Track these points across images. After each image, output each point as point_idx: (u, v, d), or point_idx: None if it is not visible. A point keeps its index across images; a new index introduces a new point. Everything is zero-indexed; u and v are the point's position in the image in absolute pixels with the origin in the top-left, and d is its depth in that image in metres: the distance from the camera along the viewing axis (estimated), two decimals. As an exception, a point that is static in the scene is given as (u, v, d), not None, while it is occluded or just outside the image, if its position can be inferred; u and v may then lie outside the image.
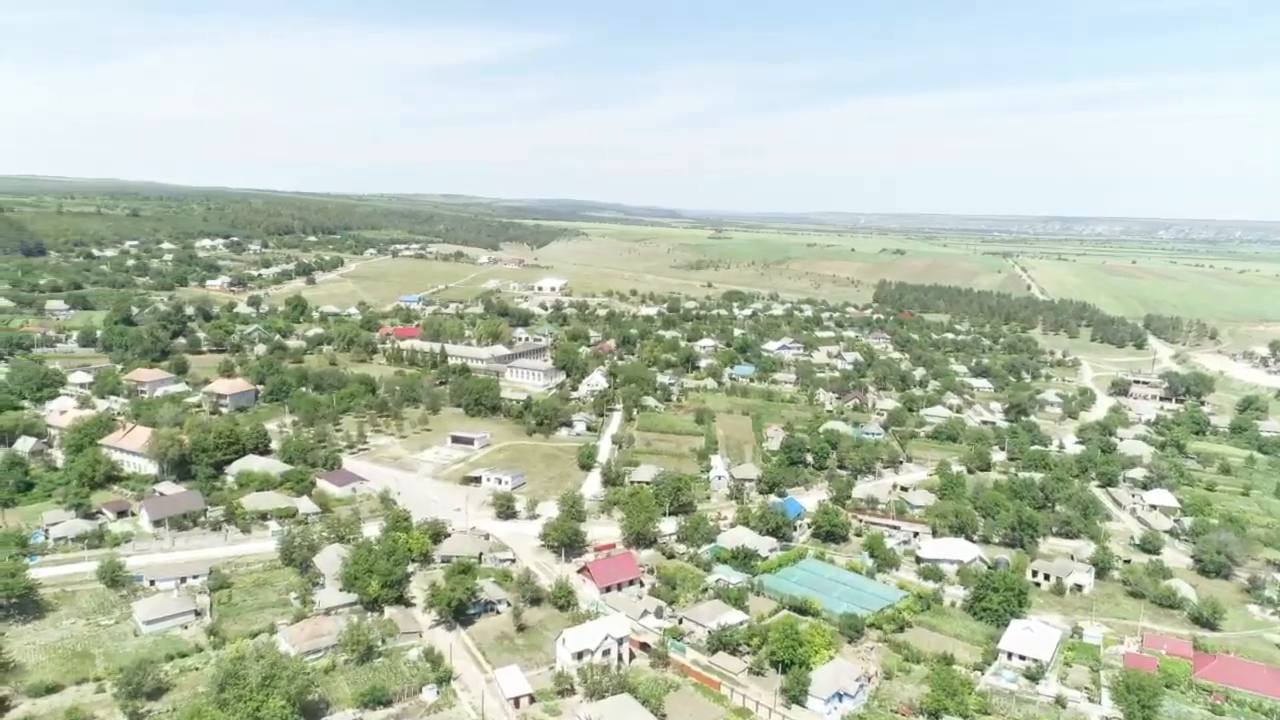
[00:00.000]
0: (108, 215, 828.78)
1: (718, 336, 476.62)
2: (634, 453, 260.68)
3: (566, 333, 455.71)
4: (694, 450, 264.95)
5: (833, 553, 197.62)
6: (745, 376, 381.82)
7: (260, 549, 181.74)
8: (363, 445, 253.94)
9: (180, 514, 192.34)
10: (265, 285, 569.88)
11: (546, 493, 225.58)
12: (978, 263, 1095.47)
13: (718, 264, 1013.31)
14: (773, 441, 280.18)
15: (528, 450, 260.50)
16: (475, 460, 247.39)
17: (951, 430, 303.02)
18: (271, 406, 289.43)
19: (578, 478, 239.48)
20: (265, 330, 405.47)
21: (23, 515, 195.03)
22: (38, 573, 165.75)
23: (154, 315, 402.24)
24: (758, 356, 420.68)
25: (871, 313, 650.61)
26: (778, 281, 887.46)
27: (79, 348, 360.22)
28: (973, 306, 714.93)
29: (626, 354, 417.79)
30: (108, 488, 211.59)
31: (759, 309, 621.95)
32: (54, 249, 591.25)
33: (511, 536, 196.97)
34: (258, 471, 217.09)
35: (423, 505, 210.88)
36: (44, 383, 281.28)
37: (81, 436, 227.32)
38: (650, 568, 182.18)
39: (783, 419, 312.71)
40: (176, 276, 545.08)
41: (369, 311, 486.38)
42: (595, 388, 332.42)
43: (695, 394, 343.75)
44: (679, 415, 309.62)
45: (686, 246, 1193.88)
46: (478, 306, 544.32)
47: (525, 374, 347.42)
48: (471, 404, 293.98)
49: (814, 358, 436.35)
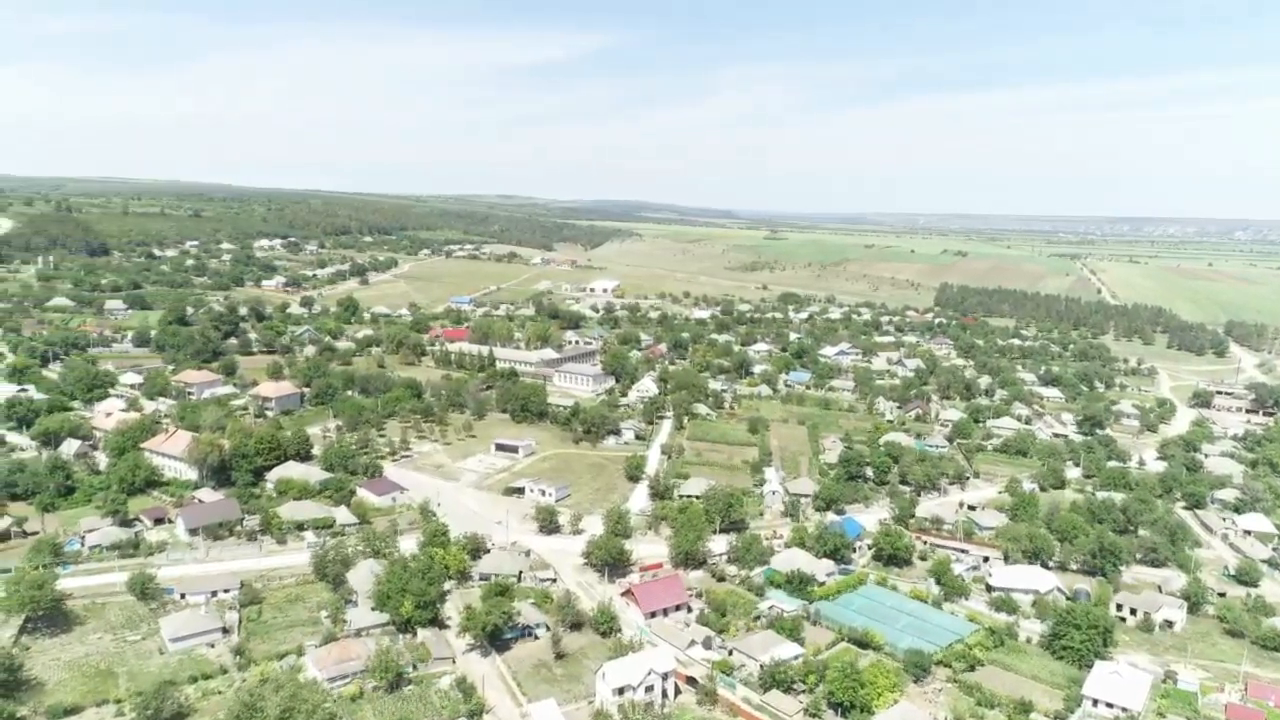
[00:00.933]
0: (171, 216, 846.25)
1: (772, 341, 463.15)
2: (684, 463, 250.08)
3: (617, 336, 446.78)
4: (746, 462, 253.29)
5: (895, 578, 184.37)
6: (801, 383, 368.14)
7: (294, 561, 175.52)
8: (405, 452, 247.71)
9: (216, 523, 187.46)
10: (319, 285, 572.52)
11: (592, 505, 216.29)
12: (1043, 264, 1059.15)
13: (773, 265, 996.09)
14: (830, 453, 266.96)
15: (573, 459, 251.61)
16: (519, 469, 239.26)
17: (1021, 444, 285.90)
18: (317, 410, 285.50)
19: (624, 490, 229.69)
20: (315, 331, 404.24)
21: (62, 520, 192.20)
22: (69, 583, 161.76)
23: (208, 316, 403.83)
24: (814, 362, 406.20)
25: (933, 317, 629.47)
26: (834, 283, 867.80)
27: (133, 348, 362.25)
28: (1039, 311, 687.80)
29: (678, 358, 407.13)
30: (148, 493, 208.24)
31: (815, 312, 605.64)
32: (117, 249, 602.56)
33: (553, 553, 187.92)
34: (297, 479, 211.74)
35: (463, 517, 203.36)
36: (94, 383, 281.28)
37: (125, 440, 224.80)
38: (699, 591, 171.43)
39: (840, 429, 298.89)
40: (233, 276, 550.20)
41: (420, 313, 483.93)
42: (645, 394, 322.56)
43: (748, 401, 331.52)
44: (731, 424, 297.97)
45: (741, 247, 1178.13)
46: (529, 308, 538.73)
47: (574, 379, 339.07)
48: (518, 410, 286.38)
49: (873, 364, 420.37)
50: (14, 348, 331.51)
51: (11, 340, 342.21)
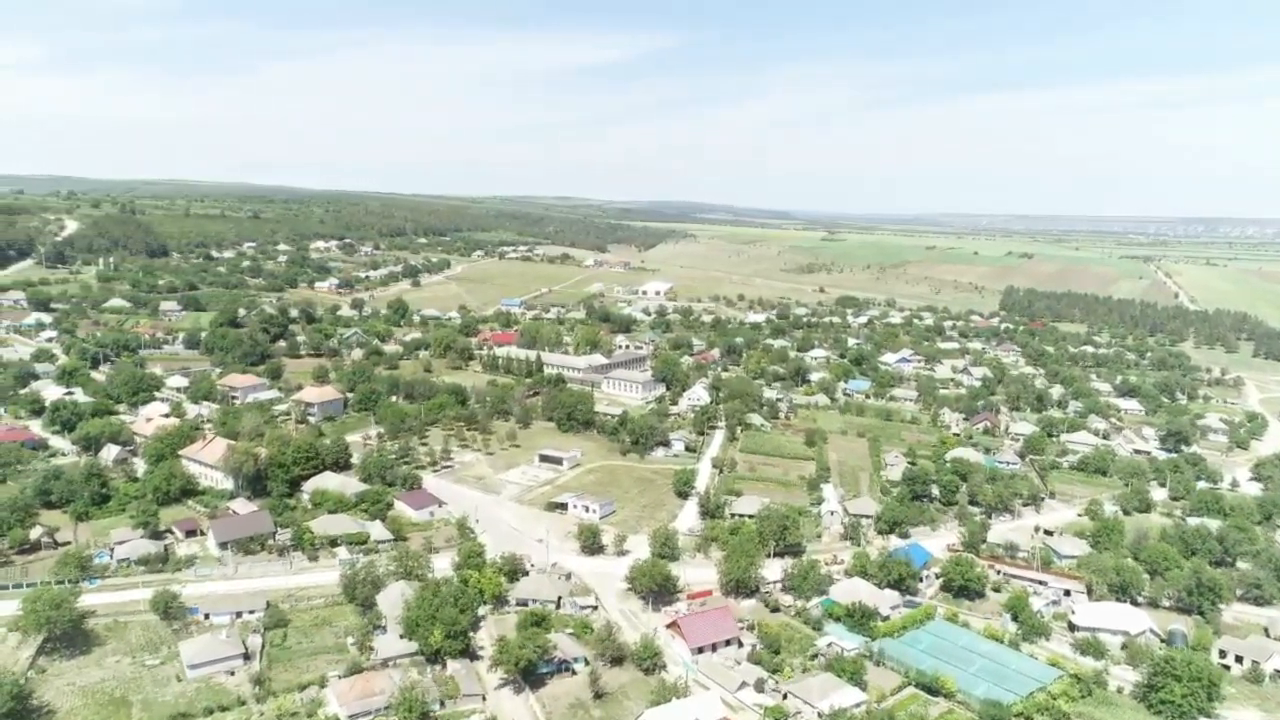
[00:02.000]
0: (230, 218, 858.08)
1: (830, 346, 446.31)
2: (736, 478, 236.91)
3: (669, 340, 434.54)
4: (803, 478, 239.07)
5: (966, 612, 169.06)
6: (860, 392, 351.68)
7: (324, 580, 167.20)
8: (446, 462, 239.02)
9: (247, 537, 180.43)
10: (372, 287, 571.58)
11: (638, 523, 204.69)
12: (1114, 267, 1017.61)
13: (830, 267, 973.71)
14: (892, 470, 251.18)
15: (620, 472, 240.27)
16: (563, 483, 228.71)
17: (1100, 461, 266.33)
18: (359, 416, 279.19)
19: (672, 506, 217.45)
20: (363, 334, 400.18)
21: (95, 530, 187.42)
22: (93, 599, 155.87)
23: (258, 318, 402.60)
24: (874, 370, 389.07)
25: (999, 322, 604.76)
26: (894, 286, 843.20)
27: (184, 350, 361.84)
28: (1112, 316, 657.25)
29: (731, 364, 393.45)
30: (183, 502, 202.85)
31: (875, 316, 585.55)
32: (177, 250, 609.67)
33: (596, 576, 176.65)
34: (332, 491, 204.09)
35: (502, 534, 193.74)
36: (139, 387, 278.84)
37: (163, 447, 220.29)
38: (750, 624, 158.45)
39: (903, 442, 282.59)
40: (287, 278, 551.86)
41: (469, 315, 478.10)
42: (696, 402, 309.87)
43: (805, 411, 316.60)
44: (787, 436, 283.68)
45: (797, 249, 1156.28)
46: (579, 311, 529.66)
47: (622, 385, 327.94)
48: (564, 418, 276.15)
49: (936, 372, 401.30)
50: (67, 349, 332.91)
51: (66, 341, 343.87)
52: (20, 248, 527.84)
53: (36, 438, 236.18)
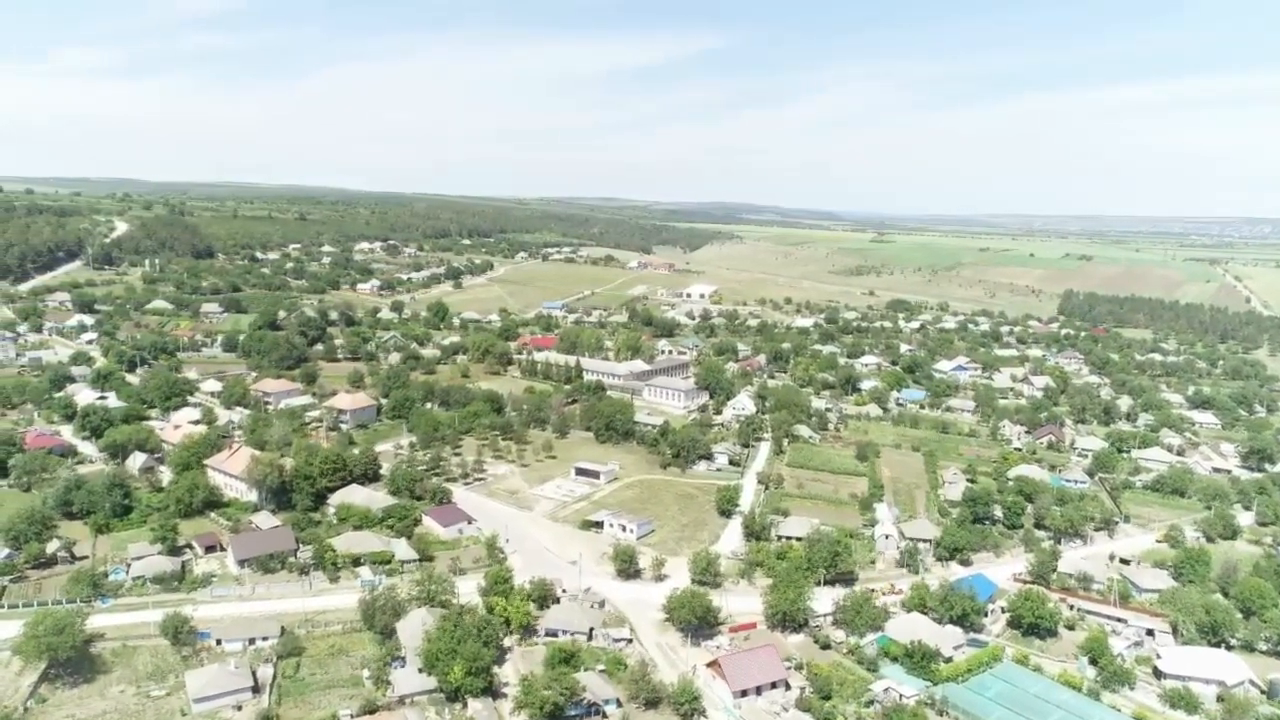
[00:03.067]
0: (277, 219, 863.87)
1: (881, 353, 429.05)
2: (783, 496, 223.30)
3: (713, 346, 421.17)
4: (855, 496, 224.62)
5: (1038, 654, 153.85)
6: (914, 402, 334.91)
7: (344, 604, 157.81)
8: (479, 474, 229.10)
9: (268, 554, 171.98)
10: (414, 289, 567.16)
11: (677, 545, 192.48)
12: (1179, 270, 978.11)
13: (880, 269, 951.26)
14: (951, 488, 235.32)
15: (659, 488, 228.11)
16: (599, 498, 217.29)
17: (1177, 481, 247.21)
18: (392, 424, 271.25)
19: (715, 526, 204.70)
20: (401, 338, 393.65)
21: (114, 543, 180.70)
22: (104, 620, 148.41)
23: (298, 320, 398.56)
24: (928, 378, 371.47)
25: (1058, 327, 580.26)
26: (947, 289, 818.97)
27: (222, 352, 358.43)
28: (1179, 322, 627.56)
29: (778, 371, 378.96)
30: (206, 514, 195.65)
31: (928, 321, 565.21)
32: (222, 251, 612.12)
33: (631, 604, 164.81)
34: (358, 505, 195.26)
35: (534, 554, 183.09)
36: (172, 391, 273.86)
37: (189, 456, 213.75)
38: (798, 663, 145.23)
39: (961, 457, 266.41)
40: (329, 279, 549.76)
41: (509, 319, 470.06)
42: (741, 412, 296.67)
43: (856, 422, 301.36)
44: (837, 449, 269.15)
45: (846, 250, 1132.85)
46: (622, 314, 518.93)
47: (664, 394, 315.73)
48: (602, 428, 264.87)
49: (995, 381, 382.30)
50: (105, 351, 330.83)
51: (104, 344, 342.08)
52: (70, 249, 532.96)
53: (65, 444, 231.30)
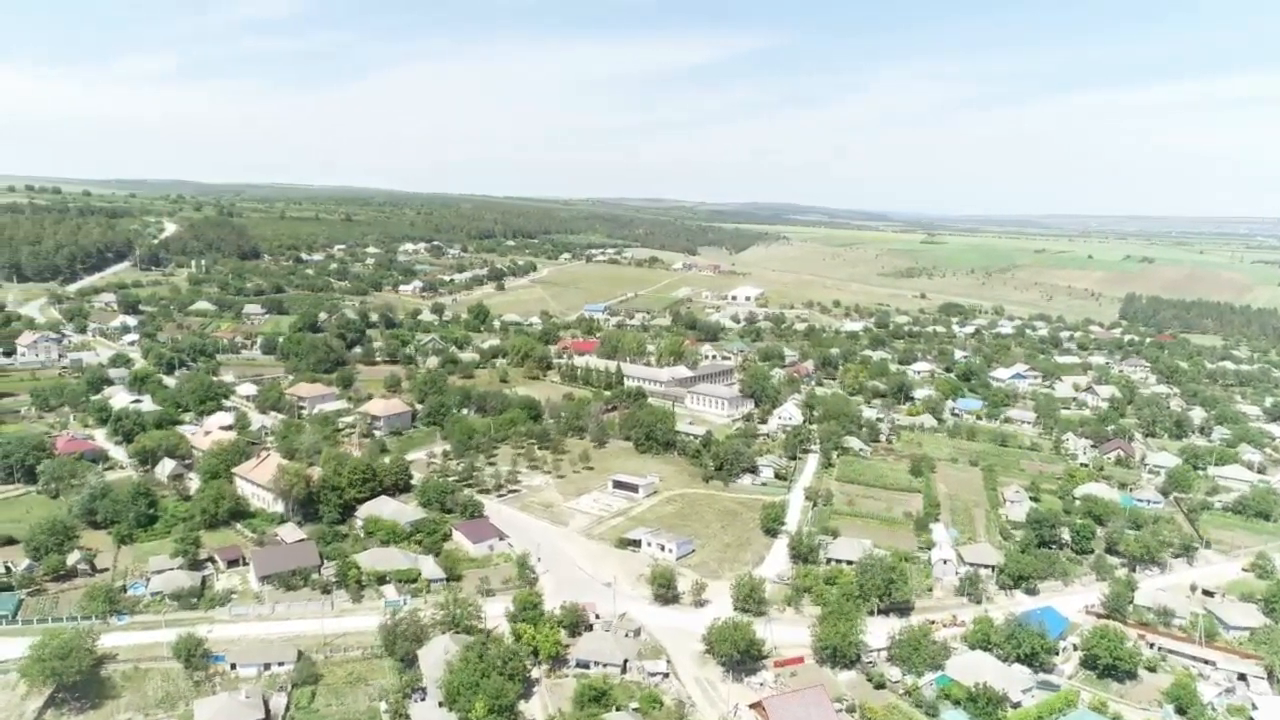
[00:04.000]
0: (324, 220, 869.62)
1: (935, 359, 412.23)
2: (832, 513, 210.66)
3: (758, 351, 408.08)
4: (909, 515, 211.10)
5: (1116, 699, 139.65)
6: (971, 412, 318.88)
7: (366, 626, 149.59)
8: (512, 486, 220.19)
9: (290, 570, 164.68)
10: (456, 290, 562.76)
11: (719, 566, 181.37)
12: (1247, 272, 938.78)
13: (931, 271, 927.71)
14: (1013, 507, 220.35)
15: (701, 502, 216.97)
16: (638, 514, 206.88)
17: (1261, 502, 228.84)
18: (427, 431, 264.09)
19: (759, 546, 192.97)
20: (440, 341, 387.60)
21: (136, 555, 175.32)
22: (118, 639, 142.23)
23: (337, 322, 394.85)
24: (985, 387, 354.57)
25: (1121, 333, 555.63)
26: (1001, 292, 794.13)
27: (261, 354, 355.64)
28: (1251, 328, 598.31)
29: (826, 378, 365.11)
30: (232, 525, 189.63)
31: (983, 326, 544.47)
32: (268, 252, 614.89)
33: (669, 631, 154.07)
34: (386, 519, 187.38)
35: (567, 574, 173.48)
36: (207, 395, 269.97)
37: (217, 463, 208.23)
38: (850, 704, 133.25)
39: (1023, 473, 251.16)
40: (372, 281, 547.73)
41: (550, 322, 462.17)
42: (788, 422, 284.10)
43: (909, 434, 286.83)
44: (889, 462, 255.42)
45: (896, 251, 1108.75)
46: (665, 317, 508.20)
47: (707, 401, 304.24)
48: (642, 438, 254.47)
49: (1055, 390, 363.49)
50: (146, 353, 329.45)
51: (145, 345, 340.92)
52: (119, 250, 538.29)
53: (96, 449, 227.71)
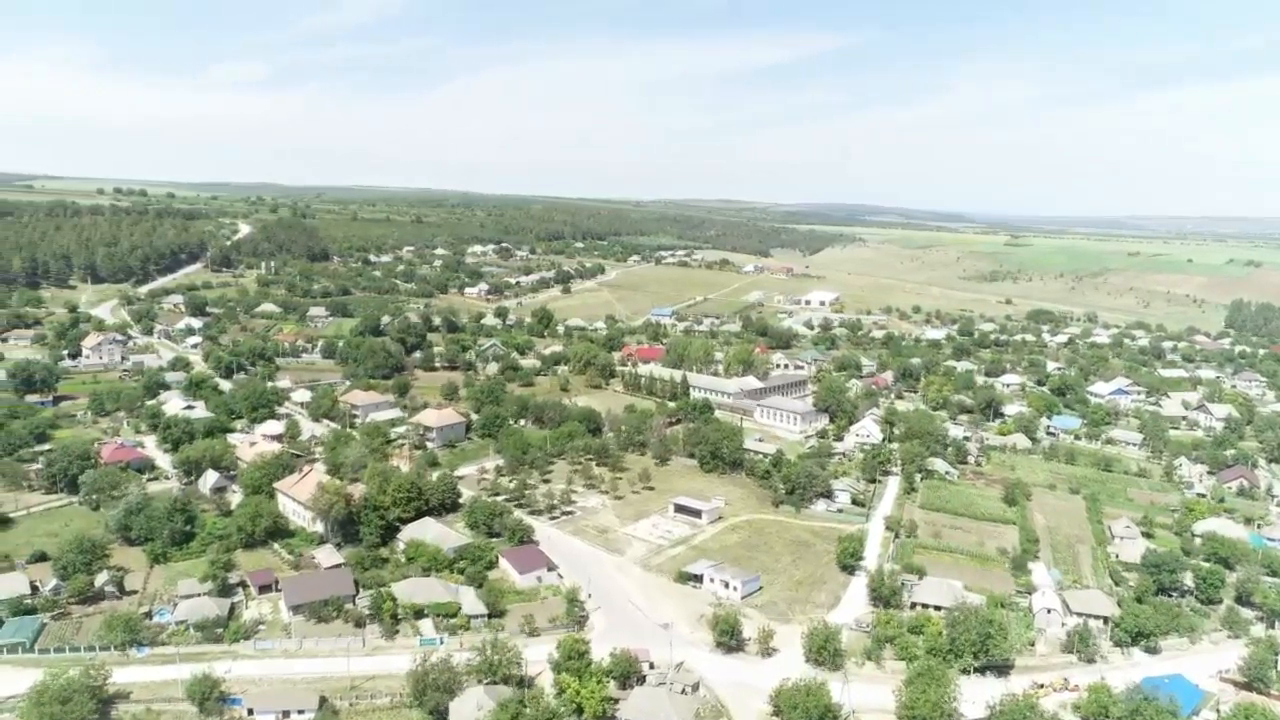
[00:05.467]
0: (395, 221, 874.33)
1: (1025, 371, 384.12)
2: (916, 547, 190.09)
3: (834, 360, 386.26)
4: (1004, 553, 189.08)
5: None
6: (1069, 432, 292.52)
7: (397, 667, 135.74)
8: (566, 508, 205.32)
9: (322, 600, 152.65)
10: (521, 293, 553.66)
11: (789, 608, 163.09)
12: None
13: (1016, 275, 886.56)
14: (1124, 544, 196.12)
15: (770, 531, 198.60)
16: (700, 542, 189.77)
17: None
18: (481, 443, 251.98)
19: (835, 585, 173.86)
20: (502, 346, 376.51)
21: (170, 575, 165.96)
22: (134, 674, 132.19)
23: (400, 325, 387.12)
24: (1082, 403, 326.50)
25: (1230, 343, 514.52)
26: (1093, 298, 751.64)
27: (321, 359, 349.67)
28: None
29: (907, 390, 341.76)
30: (270, 545, 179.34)
31: (1076, 335, 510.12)
32: (337, 254, 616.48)
33: (732, 687, 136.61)
34: (429, 543, 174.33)
35: (620, 612, 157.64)
36: (259, 402, 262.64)
37: (260, 477, 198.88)
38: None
39: (1130, 503, 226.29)
40: (438, 283, 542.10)
41: (615, 327, 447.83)
42: (865, 439, 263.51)
43: (1000, 455, 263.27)
44: (979, 488, 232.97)
45: (978, 254, 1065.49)
46: (735, 323, 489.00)
47: (778, 415, 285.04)
48: (707, 456, 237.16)
49: (1162, 407, 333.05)
50: (206, 357, 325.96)
51: (206, 349, 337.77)
52: (193, 251, 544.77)
53: (143, 458, 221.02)
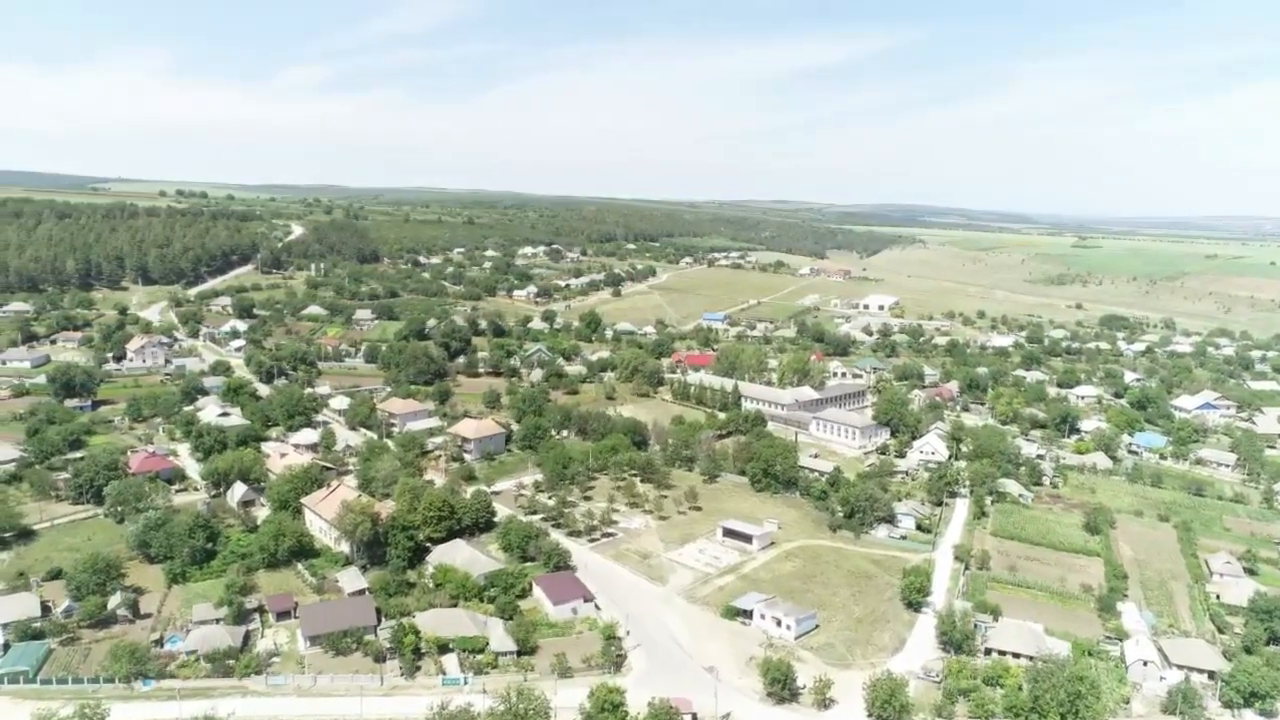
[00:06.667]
0: (447, 223, 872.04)
1: (1100, 382, 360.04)
2: (989, 581, 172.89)
3: (895, 369, 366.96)
4: (1088, 590, 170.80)
5: None
6: (1153, 450, 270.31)
7: (415, 711, 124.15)
8: (607, 529, 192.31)
9: (341, 631, 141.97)
10: (571, 296, 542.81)
11: (848, 650, 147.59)
12: None
13: (1086, 279, 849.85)
14: (1225, 584, 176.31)
15: (827, 559, 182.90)
16: (750, 571, 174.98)
17: None
18: (521, 455, 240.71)
19: (899, 624, 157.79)
20: (547, 351, 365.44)
21: (189, 596, 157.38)
22: (135, 712, 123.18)
23: (445, 328, 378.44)
24: (1166, 418, 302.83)
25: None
26: (1169, 303, 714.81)
27: (364, 363, 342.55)
28: None
29: (973, 402, 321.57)
30: (293, 565, 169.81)
31: (1154, 343, 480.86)
32: (387, 256, 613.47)
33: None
34: (458, 568, 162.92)
35: (661, 652, 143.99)
36: (295, 409, 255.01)
37: (287, 492, 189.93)
38: None
39: (1228, 533, 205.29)
40: (487, 285, 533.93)
41: (664, 332, 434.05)
42: (930, 457, 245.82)
43: (1077, 476, 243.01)
44: (1056, 513, 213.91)
45: (1044, 256, 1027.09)
46: (789, 328, 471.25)
47: (835, 429, 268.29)
48: (759, 474, 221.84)
49: (1256, 424, 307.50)
50: (247, 361, 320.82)
51: (248, 352, 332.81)
52: (244, 253, 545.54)
53: (173, 467, 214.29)
